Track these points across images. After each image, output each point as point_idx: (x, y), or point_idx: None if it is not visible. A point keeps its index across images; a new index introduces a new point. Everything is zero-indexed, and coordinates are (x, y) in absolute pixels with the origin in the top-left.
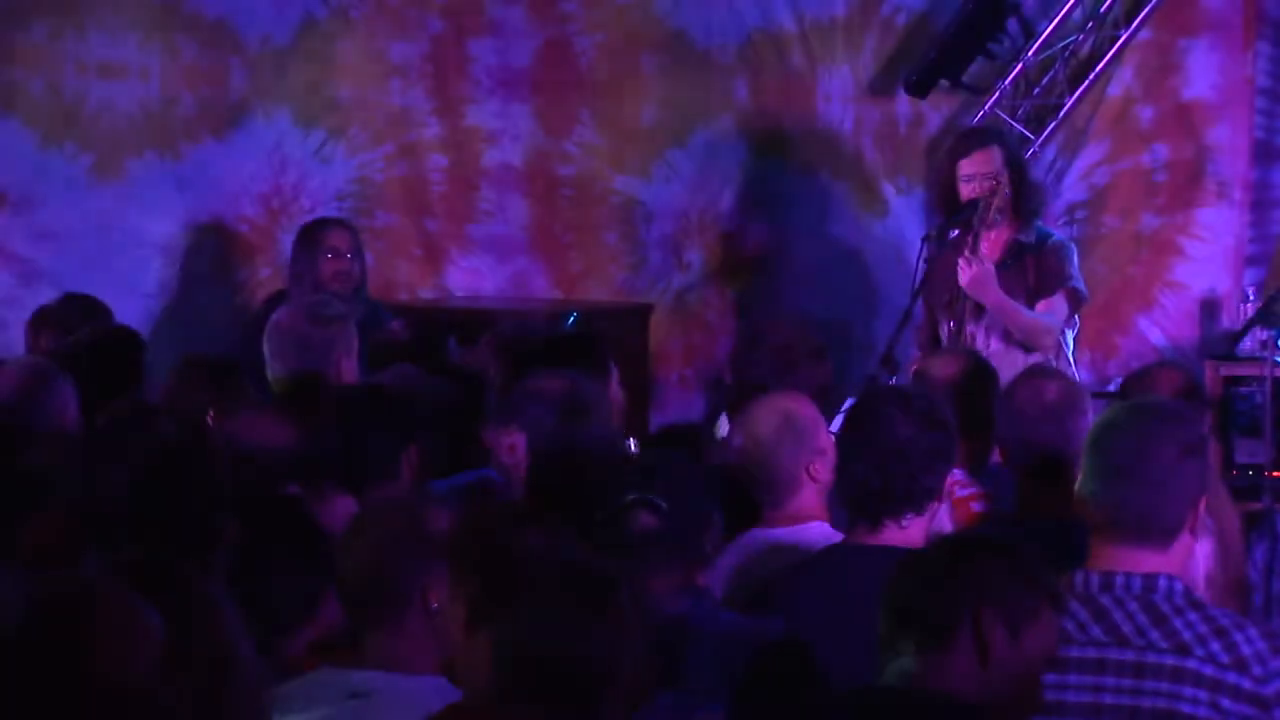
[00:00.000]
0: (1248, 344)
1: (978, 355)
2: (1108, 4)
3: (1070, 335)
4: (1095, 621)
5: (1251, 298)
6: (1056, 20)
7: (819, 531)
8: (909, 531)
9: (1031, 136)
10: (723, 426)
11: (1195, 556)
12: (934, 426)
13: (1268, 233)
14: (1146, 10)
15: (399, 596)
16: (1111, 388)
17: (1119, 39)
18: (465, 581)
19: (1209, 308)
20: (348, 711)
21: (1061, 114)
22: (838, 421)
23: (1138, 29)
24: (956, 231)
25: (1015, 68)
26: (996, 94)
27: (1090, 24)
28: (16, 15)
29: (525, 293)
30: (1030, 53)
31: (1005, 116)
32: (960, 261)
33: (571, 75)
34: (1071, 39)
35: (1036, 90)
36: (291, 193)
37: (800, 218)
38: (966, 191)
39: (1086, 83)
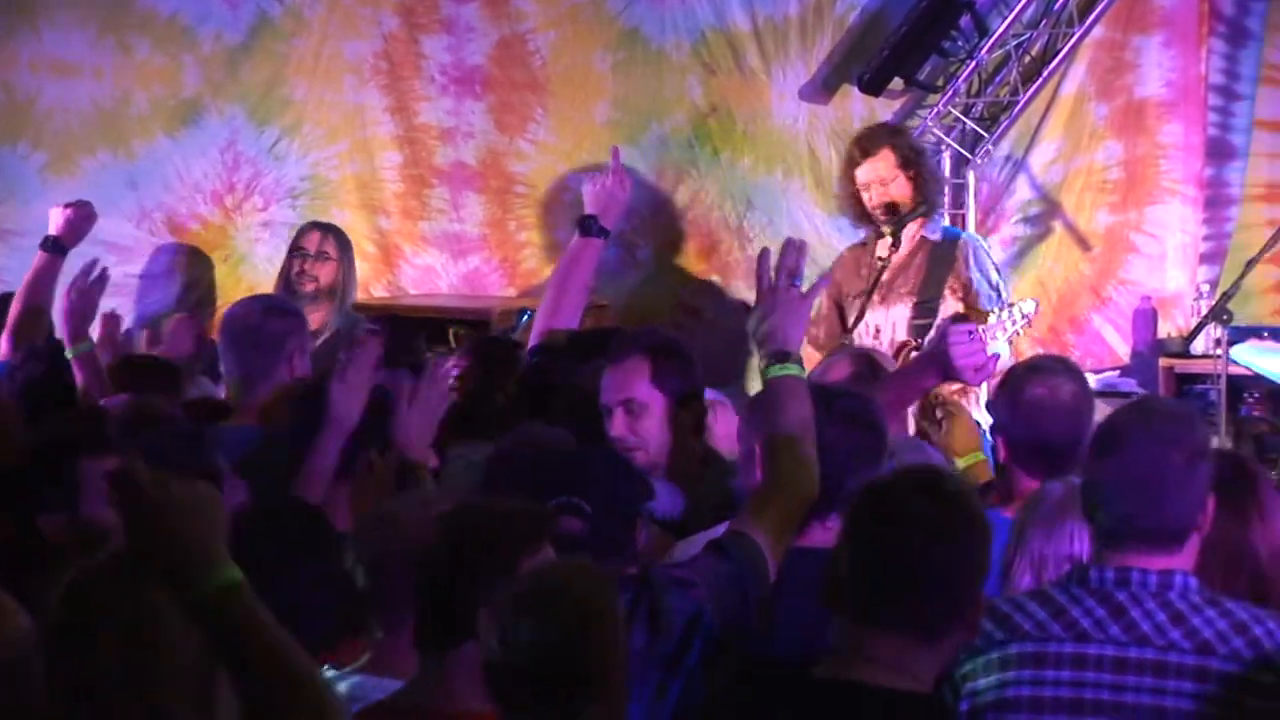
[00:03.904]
0: (1201, 342)
1: (869, 356)
2: (1061, 2)
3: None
4: (1113, 619)
5: (1205, 295)
6: (1010, 18)
7: None
8: (834, 533)
9: (985, 134)
10: None
11: None
12: (858, 427)
13: (1221, 230)
14: (1100, 8)
15: (396, 602)
16: None
17: (1072, 36)
18: None
19: (1163, 305)
20: None
21: (1015, 112)
22: None
23: (1091, 26)
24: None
25: (968, 66)
26: (950, 92)
27: (1043, 21)
28: None
29: (479, 291)
30: (983, 51)
31: (958, 114)
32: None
33: (525, 73)
34: (1025, 36)
35: (989, 88)
36: (245, 191)
37: (754, 216)
38: (867, 200)
39: (1040, 80)
